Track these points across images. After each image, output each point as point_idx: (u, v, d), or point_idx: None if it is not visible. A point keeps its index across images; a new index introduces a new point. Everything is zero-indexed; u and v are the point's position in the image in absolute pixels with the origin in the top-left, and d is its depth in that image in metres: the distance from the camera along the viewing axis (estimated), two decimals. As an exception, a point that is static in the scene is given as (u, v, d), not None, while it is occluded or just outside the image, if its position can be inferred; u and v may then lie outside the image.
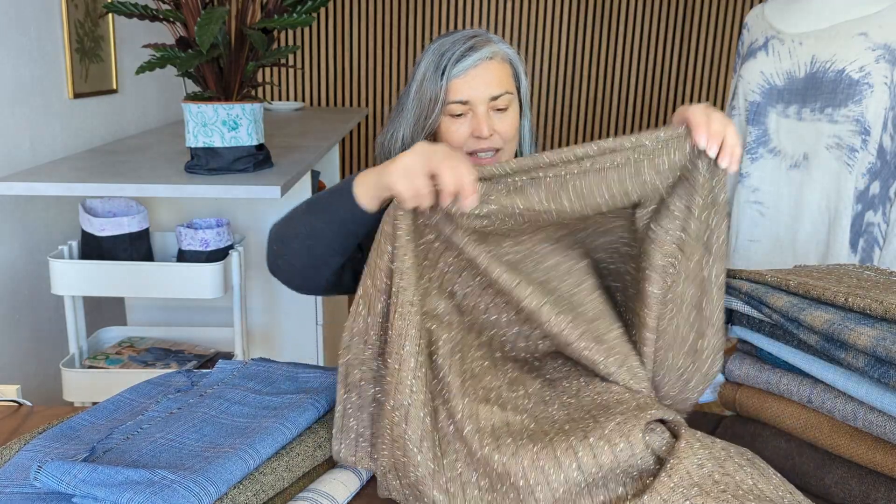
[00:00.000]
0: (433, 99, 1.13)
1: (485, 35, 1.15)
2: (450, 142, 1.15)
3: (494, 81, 1.14)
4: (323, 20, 3.74)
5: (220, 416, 0.88)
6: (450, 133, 1.15)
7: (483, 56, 1.12)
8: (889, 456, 0.81)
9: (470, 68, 1.12)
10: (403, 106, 1.19)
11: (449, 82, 1.12)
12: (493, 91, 1.13)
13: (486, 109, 1.14)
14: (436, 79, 1.12)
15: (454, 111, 1.13)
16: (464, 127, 1.14)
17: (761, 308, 0.93)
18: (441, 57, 1.13)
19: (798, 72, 1.56)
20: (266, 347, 2.19)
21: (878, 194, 1.54)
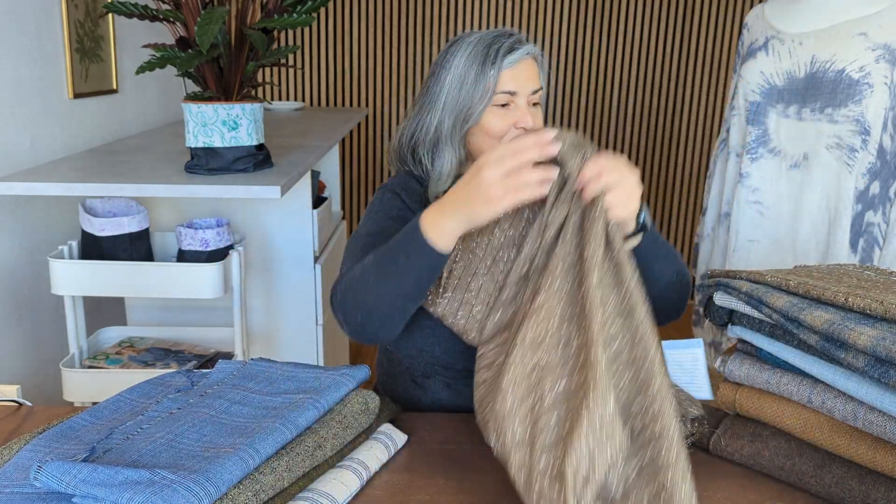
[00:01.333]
0: (483, 88, 1.15)
1: (516, 33, 1.19)
2: (490, 131, 1.17)
3: (534, 77, 1.18)
4: (323, 20, 3.74)
5: (221, 416, 0.88)
6: (491, 124, 1.16)
7: (527, 52, 1.17)
8: (889, 456, 0.81)
9: (520, 61, 1.16)
10: (433, 95, 1.19)
11: (501, 72, 1.14)
12: (535, 85, 1.17)
13: (527, 102, 1.17)
14: (485, 69, 1.14)
15: (500, 101, 1.16)
16: (507, 118, 1.16)
17: (761, 308, 0.93)
18: (488, 48, 1.15)
19: (798, 72, 1.56)
20: (266, 347, 2.19)
21: (878, 194, 1.54)
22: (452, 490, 0.89)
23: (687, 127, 3.87)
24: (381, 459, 0.93)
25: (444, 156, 1.20)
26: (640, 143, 3.89)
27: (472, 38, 1.18)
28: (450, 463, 0.95)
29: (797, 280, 0.91)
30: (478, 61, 1.15)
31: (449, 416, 1.09)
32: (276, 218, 2.09)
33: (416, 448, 0.99)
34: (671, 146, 3.90)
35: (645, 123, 3.87)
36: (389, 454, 0.95)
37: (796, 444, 0.91)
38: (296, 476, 0.83)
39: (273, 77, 3.84)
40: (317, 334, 2.20)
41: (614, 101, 3.86)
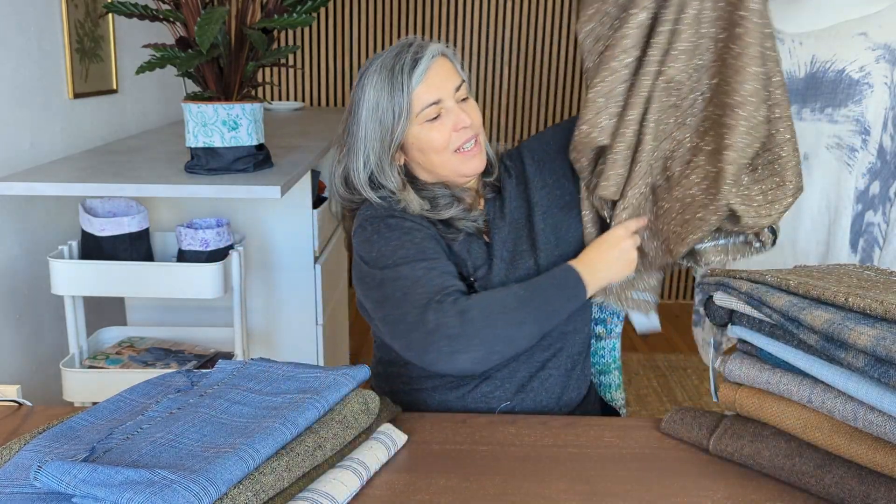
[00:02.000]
0: (397, 115, 1.14)
1: (418, 40, 1.18)
2: (434, 147, 1.17)
3: (450, 74, 1.18)
4: (323, 20, 3.74)
5: (221, 416, 0.89)
6: (431, 139, 1.16)
7: (431, 55, 1.16)
8: (889, 456, 0.81)
9: (427, 70, 1.15)
10: (355, 134, 1.19)
11: (412, 93, 1.14)
12: (455, 82, 1.17)
13: (455, 102, 1.17)
14: (395, 95, 1.14)
15: (429, 115, 1.15)
16: (445, 126, 1.16)
17: (761, 308, 0.93)
18: (392, 73, 1.14)
19: (798, 72, 1.56)
20: (266, 347, 2.19)
21: (879, 194, 1.54)
22: (452, 490, 0.89)
23: (687, 127, 3.87)
24: (381, 459, 0.93)
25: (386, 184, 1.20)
26: (640, 143, 3.89)
27: (374, 67, 1.17)
28: (450, 463, 0.95)
29: (797, 280, 0.91)
30: (386, 90, 1.14)
31: (449, 416, 1.09)
32: (276, 218, 2.09)
33: (416, 448, 0.99)
34: (671, 146, 3.89)
35: (645, 123, 3.87)
36: (389, 454, 0.95)
37: (796, 444, 0.91)
38: (296, 476, 0.83)
39: (273, 77, 3.84)
40: (317, 334, 2.20)
41: (614, 101, 3.86)
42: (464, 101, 1.19)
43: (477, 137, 1.20)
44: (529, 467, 0.94)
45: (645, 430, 1.05)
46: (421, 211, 1.19)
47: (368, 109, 1.16)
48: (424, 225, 1.18)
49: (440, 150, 1.17)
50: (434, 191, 1.23)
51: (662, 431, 1.04)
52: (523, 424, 1.06)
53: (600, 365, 1.42)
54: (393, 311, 1.08)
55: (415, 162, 1.22)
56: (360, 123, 1.18)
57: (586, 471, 0.94)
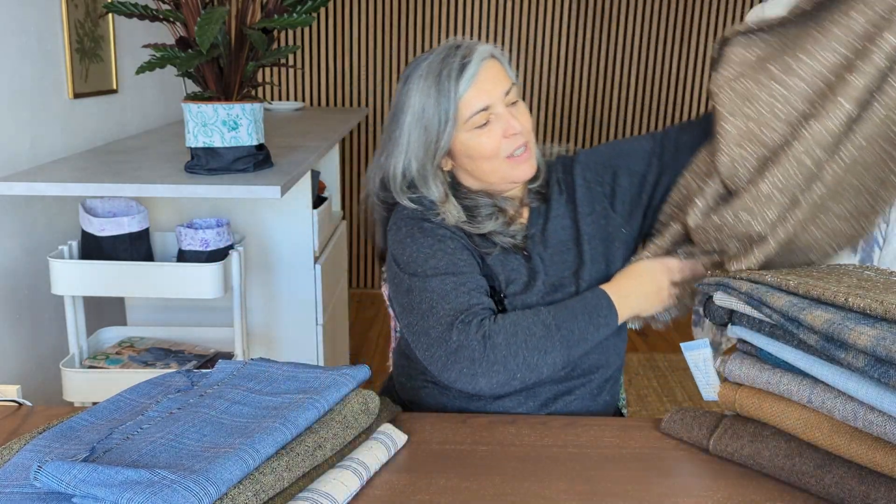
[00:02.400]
0: (443, 121, 1.10)
1: (466, 42, 1.14)
2: (484, 153, 1.13)
3: (499, 78, 1.13)
4: (323, 20, 3.74)
5: (221, 416, 0.89)
6: (481, 146, 1.12)
7: (479, 59, 1.11)
8: (889, 456, 0.81)
9: (476, 75, 1.10)
10: (396, 139, 1.15)
11: (460, 99, 1.10)
12: (504, 87, 1.13)
13: (504, 107, 1.12)
14: (441, 101, 1.10)
15: (478, 122, 1.11)
16: (495, 132, 1.12)
17: (761, 308, 0.93)
18: (439, 78, 1.10)
19: (798, 72, 1.56)
20: (266, 347, 2.19)
21: (878, 194, 1.54)
22: (452, 490, 0.89)
23: (687, 127, 3.87)
24: (381, 459, 0.93)
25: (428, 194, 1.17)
26: (640, 143, 3.89)
27: (419, 71, 1.12)
28: (450, 463, 0.95)
29: (797, 280, 0.91)
30: (433, 96, 1.10)
31: (449, 416, 1.09)
32: (276, 218, 2.09)
33: (416, 448, 0.99)
34: (671, 146, 3.90)
35: (645, 123, 3.87)
36: (389, 454, 0.95)
37: (796, 444, 0.91)
38: (296, 476, 0.83)
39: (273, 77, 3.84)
40: (317, 334, 2.20)
41: (614, 101, 3.86)
42: (513, 104, 1.14)
43: (527, 143, 1.16)
44: (529, 467, 0.94)
45: (645, 430, 1.05)
46: (457, 223, 1.16)
47: (413, 115, 1.12)
48: (458, 234, 1.15)
49: (490, 157, 1.13)
50: (476, 199, 1.19)
51: (662, 431, 1.04)
52: (523, 424, 1.06)
53: None
54: (418, 321, 1.08)
55: (462, 168, 1.19)
56: (402, 129, 1.14)
57: (586, 471, 0.94)
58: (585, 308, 1.08)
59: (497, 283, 1.14)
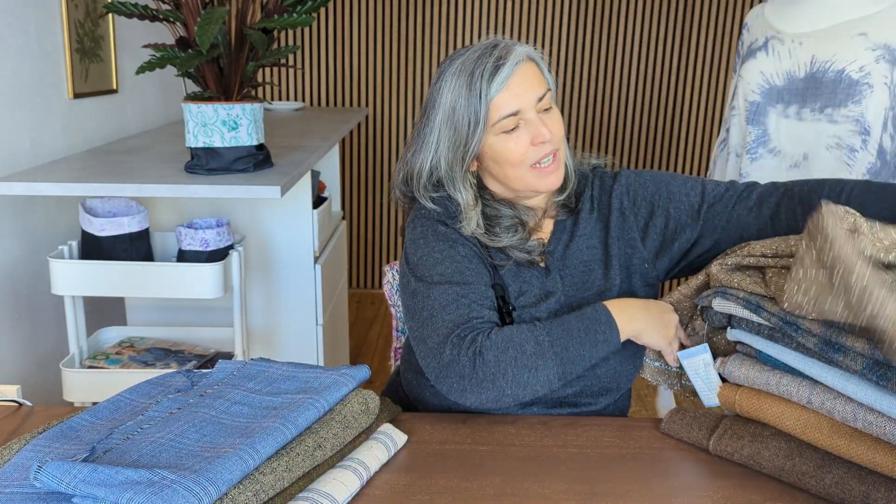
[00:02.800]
0: (473, 122, 1.08)
1: (504, 42, 1.10)
2: (510, 159, 1.10)
3: (534, 83, 1.09)
4: (323, 20, 3.74)
5: (221, 416, 0.89)
6: (508, 151, 1.09)
7: (513, 62, 1.07)
8: (889, 456, 0.81)
9: (509, 78, 1.07)
10: (426, 136, 1.13)
11: (490, 101, 1.07)
12: (538, 92, 1.08)
13: (535, 114, 1.09)
14: (472, 101, 1.07)
15: (507, 127, 1.08)
16: (522, 139, 1.09)
17: (759, 312, 0.93)
18: (471, 77, 1.07)
19: (798, 72, 1.57)
20: (266, 347, 2.19)
21: (878, 194, 1.54)
22: (452, 490, 0.89)
23: (687, 127, 3.87)
24: (381, 459, 0.93)
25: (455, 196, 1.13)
26: (640, 143, 3.89)
27: (454, 68, 1.09)
28: (450, 463, 0.95)
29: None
30: (464, 95, 1.07)
31: (449, 416, 1.09)
32: (276, 218, 2.10)
33: (416, 448, 0.99)
34: (671, 146, 3.89)
35: (645, 123, 3.87)
36: (389, 454, 0.95)
37: (796, 444, 0.91)
38: (296, 476, 0.83)
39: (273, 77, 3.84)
40: (317, 334, 2.20)
41: (614, 101, 3.86)
42: (546, 111, 1.10)
43: (556, 153, 1.11)
44: (529, 467, 0.94)
45: (645, 430, 1.05)
46: (473, 233, 1.13)
47: (444, 113, 1.10)
48: (472, 241, 1.13)
49: (516, 164, 1.10)
50: (499, 209, 1.16)
51: (662, 431, 1.04)
52: (523, 424, 1.06)
53: None
54: (418, 328, 1.07)
55: (488, 172, 1.16)
56: (433, 126, 1.11)
57: (586, 471, 0.94)
58: (582, 323, 1.04)
59: (507, 293, 1.12)
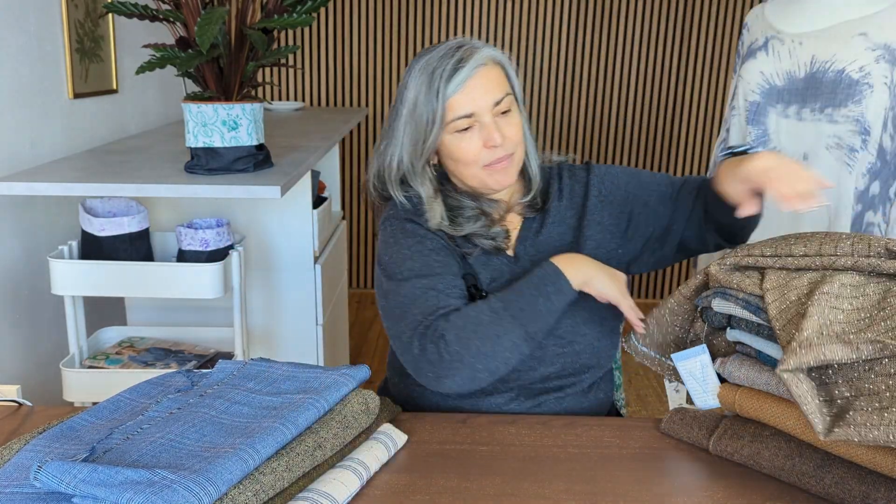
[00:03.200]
0: (430, 120, 1.11)
1: (469, 43, 1.13)
2: (462, 158, 1.13)
3: (493, 86, 1.11)
4: (323, 20, 3.74)
5: (221, 416, 0.88)
6: (461, 150, 1.13)
7: (476, 64, 1.10)
8: (889, 456, 0.81)
9: (467, 80, 1.09)
10: (394, 130, 1.17)
11: (447, 101, 1.10)
12: (496, 96, 1.11)
13: (492, 117, 1.11)
14: (430, 99, 1.10)
15: (460, 126, 1.11)
16: (474, 140, 1.12)
17: (759, 313, 0.93)
18: (432, 76, 1.10)
19: (798, 72, 1.57)
20: (266, 347, 2.19)
21: (878, 194, 1.54)
22: (452, 490, 0.89)
23: (687, 127, 3.87)
24: (381, 459, 0.93)
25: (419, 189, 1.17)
26: (640, 143, 3.89)
27: (420, 64, 1.13)
28: (450, 463, 0.95)
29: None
30: (423, 92, 1.11)
31: (449, 416, 1.09)
32: (276, 218, 2.10)
33: (416, 448, 0.99)
34: (671, 146, 3.89)
35: (645, 123, 3.87)
36: (389, 454, 0.95)
37: (796, 444, 0.91)
38: (296, 476, 0.83)
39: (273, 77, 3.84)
40: (317, 334, 2.20)
41: (614, 101, 3.86)
42: (504, 115, 1.13)
43: (511, 156, 1.15)
44: (529, 467, 0.94)
45: (645, 430, 1.05)
46: (439, 226, 1.17)
47: (408, 108, 1.13)
48: (438, 234, 1.17)
49: (468, 163, 1.14)
50: (461, 200, 1.20)
51: (662, 431, 1.04)
52: (523, 424, 1.06)
53: None
54: (393, 326, 1.11)
55: (448, 167, 1.20)
56: (399, 121, 1.15)
57: (586, 471, 0.94)
58: (532, 281, 1.08)
59: (479, 280, 1.16)
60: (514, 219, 1.24)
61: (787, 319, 0.87)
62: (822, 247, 0.95)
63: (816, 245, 0.95)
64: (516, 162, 1.16)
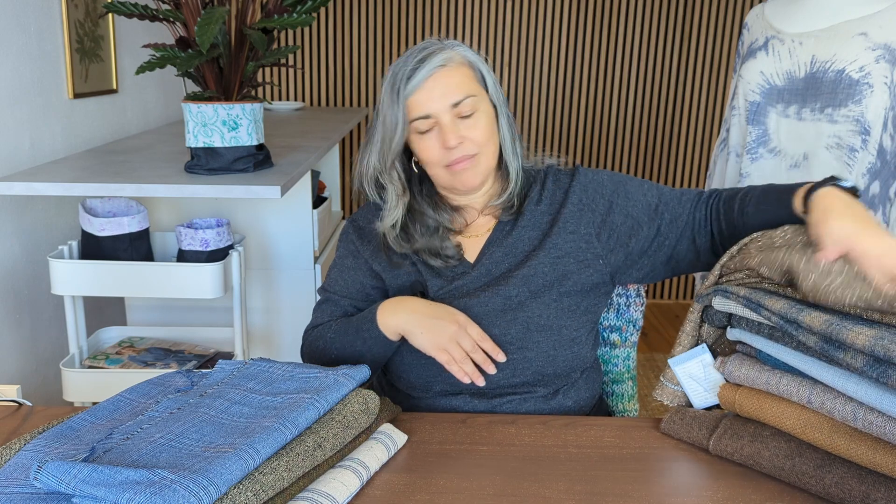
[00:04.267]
0: (394, 122, 1.12)
1: (438, 44, 1.12)
2: (426, 159, 1.15)
3: (452, 88, 1.10)
4: (323, 20, 3.74)
5: (221, 416, 0.88)
6: (422, 150, 1.14)
7: (434, 65, 1.09)
8: (889, 456, 0.81)
9: (423, 81, 1.09)
10: (372, 133, 1.18)
11: (406, 101, 1.10)
12: (453, 98, 1.10)
13: (452, 118, 1.11)
14: (393, 101, 1.11)
15: (420, 128, 1.12)
16: (433, 141, 1.12)
17: (759, 310, 0.93)
18: (394, 78, 1.11)
19: (798, 72, 1.56)
20: (266, 347, 2.19)
21: (878, 194, 1.54)
22: (452, 490, 0.89)
23: (687, 127, 3.87)
24: (381, 459, 0.93)
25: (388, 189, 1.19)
26: (640, 143, 3.89)
27: (393, 66, 1.14)
28: (450, 463, 0.95)
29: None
30: (387, 93, 1.12)
31: (449, 416, 1.09)
32: (276, 218, 2.10)
33: (416, 448, 0.99)
34: (671, 146, 3.89)
35: (645, 123, 3.87)
36: (389, 454, 0.95)
37: (796, 444, 0.91)
38: (296, 476, 0.83)
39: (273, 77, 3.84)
40: (317, 334, 2.20)
41: (614, 101, 3.86)
42: (467, 117, 1.11)
43: (473, 157, 1.13)
44: (529, 467, 0.94)
45: (645, 430, 1.05)
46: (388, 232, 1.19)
47: (381, 110, 1.15)
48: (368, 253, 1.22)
49: (431, 163, 1.14)
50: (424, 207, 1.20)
51: (662, 431, 1.04)
52: (523, 424, 1.06)
53: (613, 374, 1.37)
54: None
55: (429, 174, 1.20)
56: (377, 121, 1.17)
57: (586, 471, 0.94)
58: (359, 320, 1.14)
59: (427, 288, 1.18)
60: (487, 221, 1.22)
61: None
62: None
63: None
64: (482, 163, 1.14)
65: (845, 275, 0.86)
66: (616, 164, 3.91)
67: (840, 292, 0.85)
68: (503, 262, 1.17)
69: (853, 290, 0.85)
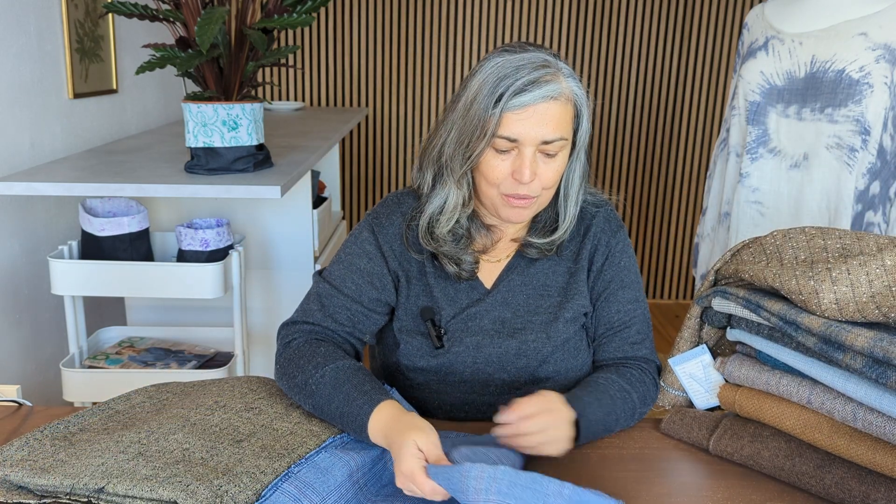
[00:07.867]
0: (481, 126, 1.01)
1: (555, 66, 1.02)
2: (487, 175, 1.05)
3: (551, 124, 1.01)
4: (323, 20, 3.74)
5: None
6: (490, 167, 1.04)
7: (545, 94, 1.00)
8: (889, 456, 0.81)
9: (528, 105, 1.00)
10: (449, 119, 1.08)
11: (502, 114, 1.00)
12: (547, 135, 1.01)
13: (535, 152, 1.02)
14: (488, 105, 1.00)
15: (500, 146, 1.02)
16: (506, 164, 1.03)
17: (759, 311, 0.93)
18: (499, 82, 1.00)
19: (798, 72, 1.56)
20: (266, 347, 2.19)
21: (878, 194, 1.54)
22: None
23: (687, 127, 3.87)
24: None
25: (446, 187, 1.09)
26: (640, 143, 3.89)
27: (497, 63, 1.02)
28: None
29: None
30: (485, 92, 1.01)
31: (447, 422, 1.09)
32: (276, 218, 2.09)
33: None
34: (671, 146, 3.89)
35: (645, 123, 3.87)
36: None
37: (796, 444, 0.91)
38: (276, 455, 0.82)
39: (273, 77, 3.84)
40: (317, 334, 2.20)
41: (614, 101, 3.86)
42: (549, 156, 1.03)
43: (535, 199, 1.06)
44: (529, 467, 0.94)
45: (645, 430, 1.05)
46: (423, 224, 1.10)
47: (468, 102, 1.04)
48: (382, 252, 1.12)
49: (491, 182, 1.05)
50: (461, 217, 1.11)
51: (662, 432, 1.04)
52: (523, 424, 1.06)
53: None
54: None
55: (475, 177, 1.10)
56: (458, 107, 1.06)
57: (586, 471, 0.94)
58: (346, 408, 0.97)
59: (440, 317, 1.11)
60: (507, 246, 1.16)
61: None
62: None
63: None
64: (538, 206, 1.08)
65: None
66: (616, 164, 3.91)
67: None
68: (521, 292, 1.12)
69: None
